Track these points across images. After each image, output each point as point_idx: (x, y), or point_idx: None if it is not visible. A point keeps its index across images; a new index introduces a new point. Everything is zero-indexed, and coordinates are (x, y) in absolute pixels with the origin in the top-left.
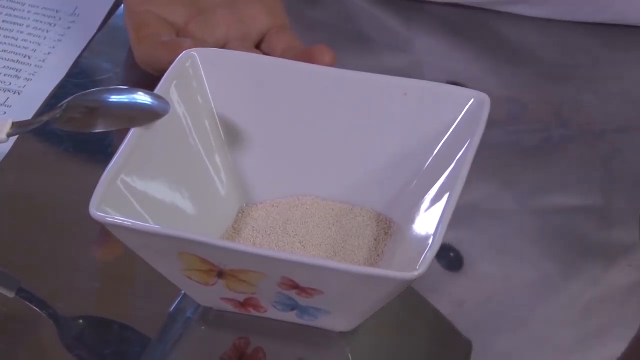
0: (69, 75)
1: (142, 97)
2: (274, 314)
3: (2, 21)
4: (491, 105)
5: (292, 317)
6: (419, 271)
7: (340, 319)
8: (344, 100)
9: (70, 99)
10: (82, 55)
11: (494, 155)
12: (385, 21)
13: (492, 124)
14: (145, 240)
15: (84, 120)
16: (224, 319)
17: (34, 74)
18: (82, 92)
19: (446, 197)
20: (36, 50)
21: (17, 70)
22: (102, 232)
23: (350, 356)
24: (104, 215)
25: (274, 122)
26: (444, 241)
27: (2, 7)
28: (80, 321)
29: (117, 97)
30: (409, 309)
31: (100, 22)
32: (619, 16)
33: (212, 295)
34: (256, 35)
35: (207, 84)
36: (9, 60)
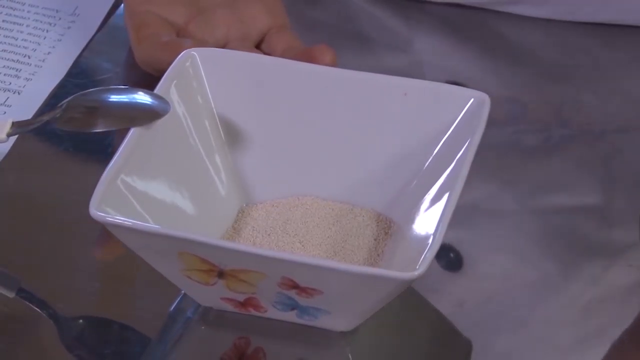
0: (69, 75)
1: (142, 97)
2: (274, 313)
3: (2, 21)
4: (491, 105)
5: (292, 317)
6: (419, 271)
7: (340, 318)
8: (344, 100)
9: (70, 98)
10: (82, 55)
11: (494, 155)
12: (385, 21)
13: (492, 124)
14: (145, 240)
15: (84, 120)
16: (224, 319)
17: (33, 74)
18: (82, 92)
19: (446, 197)
20: (36, 50)
21: (17, 69)
22: (102, 232)
23: (350, 356)
24: (104, 215)
25: (274, 122)
26: (444, 241)
27: (2, 7)
28: (80, 321)
29: (117, 96)
30: (409, 309)
31: (100, 21)
32: (619, 16)
33: (212, 295)
34: (256, 35)
35: (207, 84)
36: (8, 59)
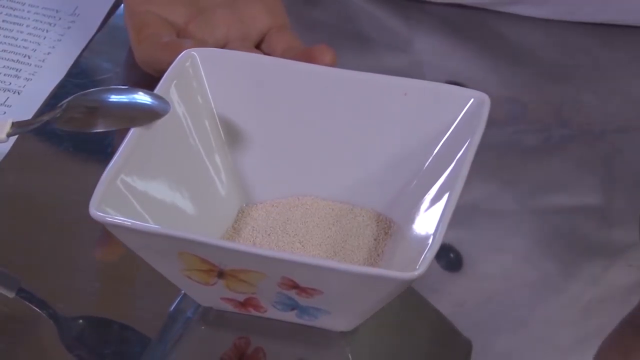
0: (69, 75)
1: (142, 97)
2: (274, 313)
3: (2, 21)
4: (491, 105)
5: (292, 317)
6: (419, 271)
7: (340, 318)
8: (344, 100)
9: (70, 98)
10: (82, 55)
11: (494, 155)
12: (385, 21)
13: (492, 124)
14: (145, 240)
15: (84, 120)
16: (224, 319)
17: (33, 74)
18: (82, 92)
19: (446, 197)
20: (36, 50)
21: (17, 70)
22: (103, 233)
23: (350, 356)
24: (104, 215)
25: (274, 122)
26: (444, 241)
27: (2, 7)
28: (80, 321)
29: (117, 97)
30: (409, 309)
31: (100, 21)
32: (619, 16)
33: (212, 295)
34: (256, 35)
35: (207, 84)
36: (8, 60)
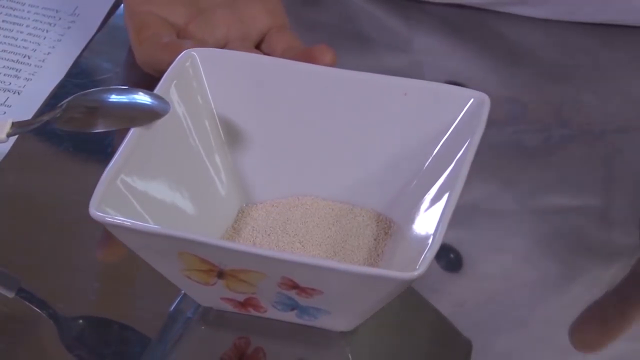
0: (69, 75)
1: (142, 97)
2: (273, 313)
3: (2, 21)
4: (491, 105)
5: (292, 317)
6: (419, 271)
7: (340, 319)
8: (344, 100)
9: (70, 98)
10: (82, 55)
11: (494, 155)
12: (385, 21)
13: (492, 124)
14: (145, 240)
15: (84, 120)
16: (224, 319)
17: (33, 74)
18: (82, 92)
19: (446, 197)
20: (36, 50)
21: (17, 70)
22: (105, 234)
23: (350, 356)
24: (104, 215)
25: (274, 122)
26: (444, 242)
27: (2, 7)
28: (80, 321)
29: (117, 97)
30: (409, 309)
31: (100, 22)
32: (619, 16)
33: (212, 295)
34: (256, 35)
35: (207, 84)
36: (8, 60)
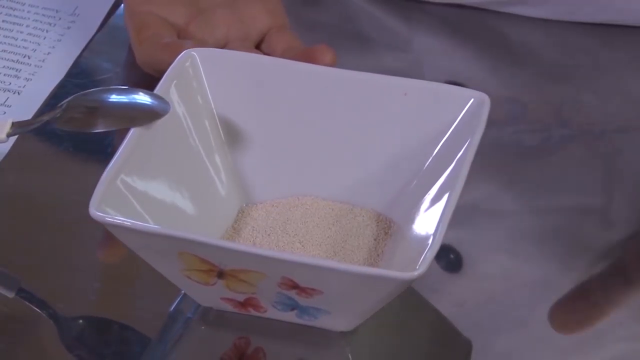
0: (69, 75)
1: (142, 97)
2: (273, 313)
3: (2, 21)
4: (491, 105)
5: (292, 317)
6: (419, 271)
7: (340, 319)
8: (344, 100)
9: (70, 98)
10: (82, 55)
11: (494, 155)
12: (385, 21)
13: (492, 124)
14: (145, 240)
15: (84, 120)
16: (224, 319)
17: (33, 74)
18: (82, 92)
19: (446, 197)
20: (36, 50)
21: (17, 70)
22: (106, 235)
23: (350, 356)
24: (104, 215)
25: (274, 122)
26: (444, 242)
27: (2, 7)
28: (80, 321)
29: (117, 97)
30: (409, 309)
31: (100, 22)
32: (619, 16)
33: (212, 295)
34: (256, 35)
35: (207, 84)
36: (8, 60)
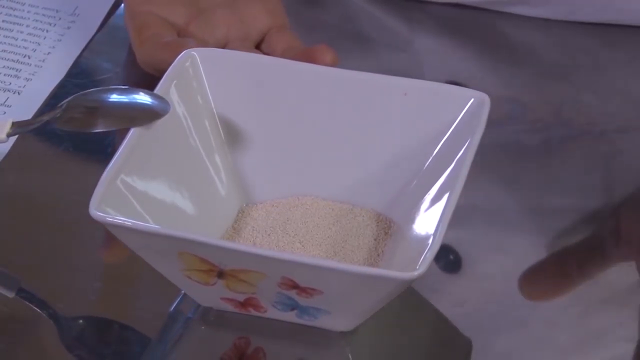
0: (69, 75)
1: (142, 97)
2: (274, 313)
3: (2, 21)
4: (491, 105)
5: (292, 317)
6: (419, 271)
7: (340, 318)
8: (344, 100)
9: (70, 98)
10: (82, 55)
11: (494, 155)
12: (385, 21)
13: (492, 124)
14: (145, 240)
15: (84, 120)
16: (224, 319)
17: (33, 74)
18: (82, 92)
19: (446, 197)
20: (36, 50)
21: (17, 70)
22: (107, 235)
23: (350, 356)
24: (104, 215)
25: (274, 122)
26: (443, 242)
27: (2, 7)
28: (80, 321)
29: (117, 97)
30: (409, 309)
31: (100, 21)
32: (619, 16)
33: (212, 295)
34: (256, 35)
35: (207, 84)
36: (8, 60)
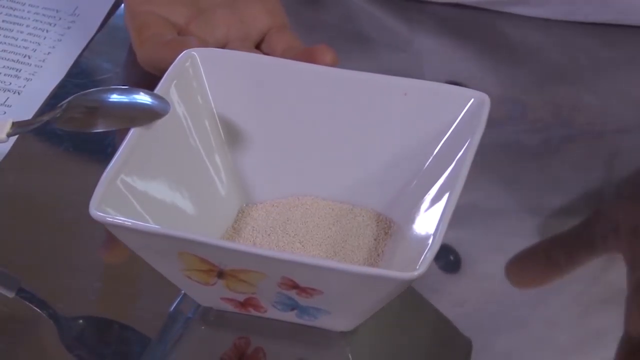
0: (69, 75)
1: (142, 97)
2: (274, 313)
3: (2, 21)
4: (491, 105)
5: (292, 317)
6: (419, 271)
7: (340, 318)
8: (344, 100)
9: (70, 98)
10: (82, 55)
11: (494, 155)
12: (385, 21)
13: (492, 124)
14: (145, 240)
15: (84, 120)
16: (224, 319)
17: (33, 74)
18: (82, 92)
19: (446, 197)
20: (36, 50)
21: (17, 70)
22: (108, 236)
23: (350, 356)
24: (104, 215)
25: (274, 122)
26: (443, 243)
27: (2, 7)
28: (80, 321)
29: (117, 97)
30: (409, 309)
31: (100, 22)
32: (619, 16)
33: (212, 295)
34: (256, 35)
35: (207, 84)
36: (9, 60)
